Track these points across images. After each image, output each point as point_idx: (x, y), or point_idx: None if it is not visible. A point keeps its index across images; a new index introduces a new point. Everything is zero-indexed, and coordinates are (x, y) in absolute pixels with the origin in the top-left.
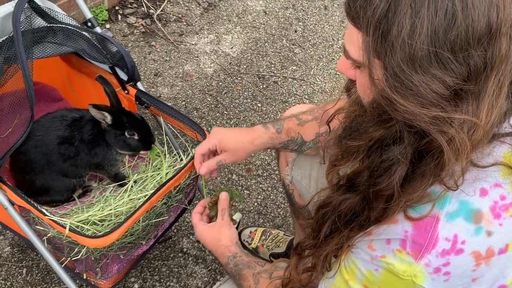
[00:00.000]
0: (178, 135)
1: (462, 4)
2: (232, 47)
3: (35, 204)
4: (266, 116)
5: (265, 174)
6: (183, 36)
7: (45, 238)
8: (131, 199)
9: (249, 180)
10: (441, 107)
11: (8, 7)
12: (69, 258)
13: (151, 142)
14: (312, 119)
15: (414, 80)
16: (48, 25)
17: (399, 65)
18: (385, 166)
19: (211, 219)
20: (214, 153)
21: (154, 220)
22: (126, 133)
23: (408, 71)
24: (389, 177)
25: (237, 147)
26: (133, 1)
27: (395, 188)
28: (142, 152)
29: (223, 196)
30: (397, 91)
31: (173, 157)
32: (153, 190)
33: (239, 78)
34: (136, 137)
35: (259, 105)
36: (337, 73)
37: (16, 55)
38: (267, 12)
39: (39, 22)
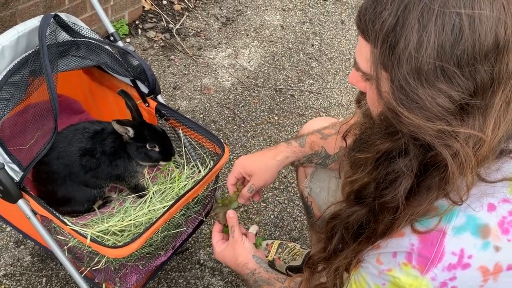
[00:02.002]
0: (197, 147)
1: (469, 20)
2: (249, 61)
3: (57, 214)
4: (282, 129)
5: (281, 187)
6: (202, 50)
7: (65, 247)
8: (150, 210)
9: (266, 192)
10: (446, 121)
11: (34, 22)
12: (89, 268)
13: (171, 154)
14: (335, 133)
15: (420, 93)
16: (72, 39)
17: (405, 78)
18: (391, 179)
19: (223, 226)
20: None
21: (172, 231)
22: (147, 146)
23: (414, 84)
24: (394, 190)
25: (260, 166)
26: (153, 15)
27: (400, 201)
28: (161, 163)
29: (230, 214)
30: (403, 103)
31: (191, 168)
32: (172, 201)
33: (256, 91)
34: (157, 149)
35: (276, 118)
36: (354, 86)
37: (41, 68)
38: (284, 26)
39: (64, 36)
